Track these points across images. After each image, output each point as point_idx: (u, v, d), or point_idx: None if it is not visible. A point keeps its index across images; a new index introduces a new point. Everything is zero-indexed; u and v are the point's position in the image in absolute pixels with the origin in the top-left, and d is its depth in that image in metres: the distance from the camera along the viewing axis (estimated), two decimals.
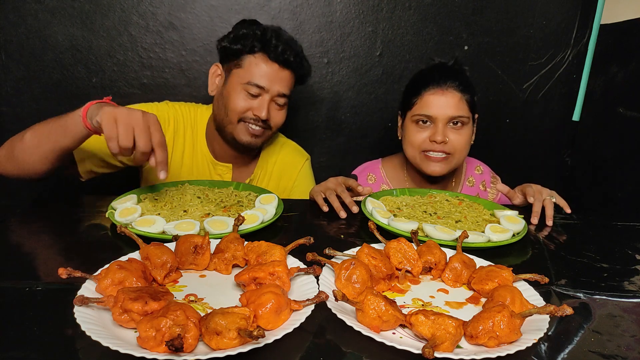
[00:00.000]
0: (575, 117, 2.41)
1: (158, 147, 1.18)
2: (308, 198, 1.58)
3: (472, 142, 1.76)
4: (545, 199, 1.50)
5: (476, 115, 1.75)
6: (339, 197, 1.45)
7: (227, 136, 1.68)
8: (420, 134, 1.67)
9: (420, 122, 1.66)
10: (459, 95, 1.63)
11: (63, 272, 0.83)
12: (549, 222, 1.44)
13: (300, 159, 1.92)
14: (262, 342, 0.71)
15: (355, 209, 1.42)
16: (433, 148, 1.65)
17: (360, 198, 1.52)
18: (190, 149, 1.76)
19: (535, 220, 1.44)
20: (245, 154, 1.78)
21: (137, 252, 0.98)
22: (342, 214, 1.40)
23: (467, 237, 1.14)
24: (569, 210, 1.50)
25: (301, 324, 0.76)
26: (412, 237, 1.12)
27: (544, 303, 0.88)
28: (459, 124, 1.65)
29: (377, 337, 0.75)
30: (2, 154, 1.38)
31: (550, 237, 1.35)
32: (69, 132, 1.28)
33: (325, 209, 1.44)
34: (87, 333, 0.70)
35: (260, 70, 1.59)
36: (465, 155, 1.74)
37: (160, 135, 1.18)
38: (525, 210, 1.59)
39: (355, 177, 1.87)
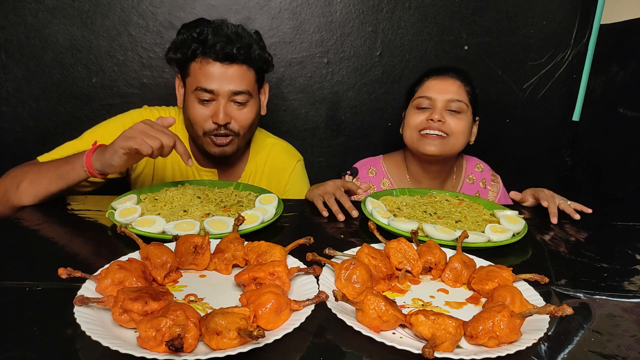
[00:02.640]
0: (575, 117, 2.41)
1: (177, 140, 1.30)
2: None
3: (471, 143, 1.77)
4: (560, 202, 1.52)
5: (477, 118, 1.77)
6: (338, 201, 1.44)
7: (199, 148, 1.64)
8: (419, 115, 1.74)
9: (421, 106, 1.73)
10: (459, 83, 1.72)
11: (63, 272, 0.83)
12: (576, 217, 1.48)
13: (291, 160, 1.83)
14: (262, 342, 0.71)
15: (355, 214, 1.40)
16: (430, 126, 1.70)
17: (360, 198, 1.52)
18: (173, 153, 1.71)
19: (554, 220, 1.46)
20: (223, 162, 1.72)
21: (137, 252, 0.97)
22: (340, 217, 1.39)
23: (467, 237, 1.14)
24: (589, 210, 1.52)
25: (301, 324, 0.76)
26: (412, 237, 1.12)
27: (544, 303, 0.88)
28: (457, 110, 1.70)
29: (377, 337, 0.75)
30: None
31: (550, 237, 1.35)
32: (69, 180, 1.34)
33: (325, 213, 1.41)
34: (87, 333, 0.69)
35: (205, 73, 1.50)
36: (462, 144, 1.75)
37: (170, 132, 1.30)
38: (527, 210, 1.59)
39: (356, 170, 1.87)
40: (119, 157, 1.25)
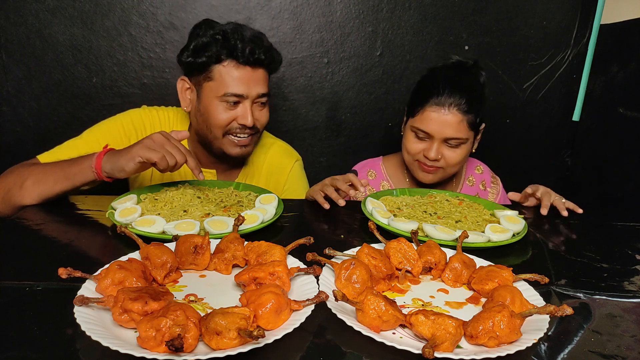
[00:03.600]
0: (575, 117, 2.41)
1: (189, 155, 1.32)
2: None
3: (473, 151, 1.74)
4: (555, 199, 1.52)
5: (482, 126, 1.72)
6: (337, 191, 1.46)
7: (215, 151, 1.64)
8: (416, 144, 1.67)
9: (419, 136, 1.66)
10: (460, 117, 1.57)
11: (63, 272, 0.83)
12: (564, 213, 1.50)
13: (289, 160, 1.83)
14: (262, 342, 0.71)
15: (352, 193, 1.43)
16: (425, 162, 1.67)
17: (360, 198, 1.52)
18: None
19: (544, 211, 1.48)
20: (228, 161, 1.73)
21: (137, 252, 0.98)
22: (341, 202, 1.41)
23: (467, 237, 1.14)
24: (580, 211, 1.51)
25: (301, 324, 0.76)
26: (412, 237, 1.12)
27: (544, 303, 0.88)
28: (455, 144, 1.63)
29: (377, 337, 0.75)
30: None
31: (550, 237, 1.35)
32: (76, 181, 1.34)
33: (327, 206, 1.44)
34: (87, 333, 0.70)
35: (233, 78, 1.51)
36: (459, 168, 1.74)
37: (183, 147, 1.32)
38: (527, 210, 1.59)
39: (355, 173, 1.87)
40: (134, 165, 1.26)
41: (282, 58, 1.68)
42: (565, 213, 1.49)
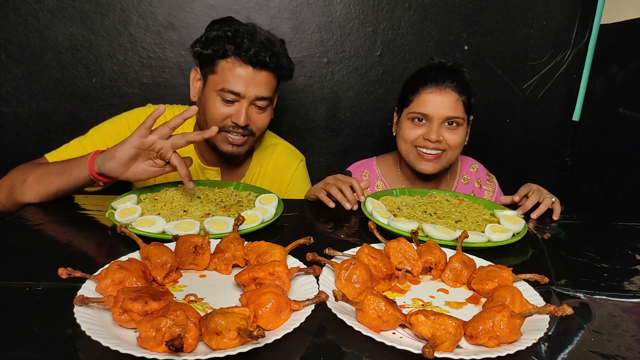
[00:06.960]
0: (575, 117, 2.41)
1: (180, 164, 1.30)
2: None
3: (465, 144, 1.76)
4: (545, 197, 1.51)
5: (471, 117, 1.76)
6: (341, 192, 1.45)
7: (209, 144, 1.65)
8: (414, 130, 1.68)
9: (416, 120, 1.68)
10: (456, 96, 1.64)
11: (63, 272, 0.83)
12: (533, 215, 1.49)
13: (294, 160, 1.85)
14: (262, 342, 0.71)
15: (363, 198, 1.42)
16: (426, 145, 1.67)
17: (362, 199, 1.52)
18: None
19: (535, 215, 1.48)
20: (228, 160, 1.74)
21: (137, 252, 0.98)
22: (348, 206, 1.40)
23: (467, 237, 1.14)
24: (555, 218, 1.50)
25: (301, 324, 0.76)
26: (412, 237, 1.12)
27: (544, 303, 0.88)
28: (454, 124, 1.66)
29: (377, 337, 0.75)
30: (1, 195, 1.40)
31: (550, 237, 1.35)
32: (72, 177, 1.34)
33: (332, 205, 1.44)
34: (87, 333, 0.70)
35: (234, 75, 1.51)
36: (457, 155, 1.76)
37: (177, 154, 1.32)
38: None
39: (349, 174, 1.87)
40: (127, 150, 1.26)
41: (294, 67, 1.68)
42: (534, 215, 1.49)
